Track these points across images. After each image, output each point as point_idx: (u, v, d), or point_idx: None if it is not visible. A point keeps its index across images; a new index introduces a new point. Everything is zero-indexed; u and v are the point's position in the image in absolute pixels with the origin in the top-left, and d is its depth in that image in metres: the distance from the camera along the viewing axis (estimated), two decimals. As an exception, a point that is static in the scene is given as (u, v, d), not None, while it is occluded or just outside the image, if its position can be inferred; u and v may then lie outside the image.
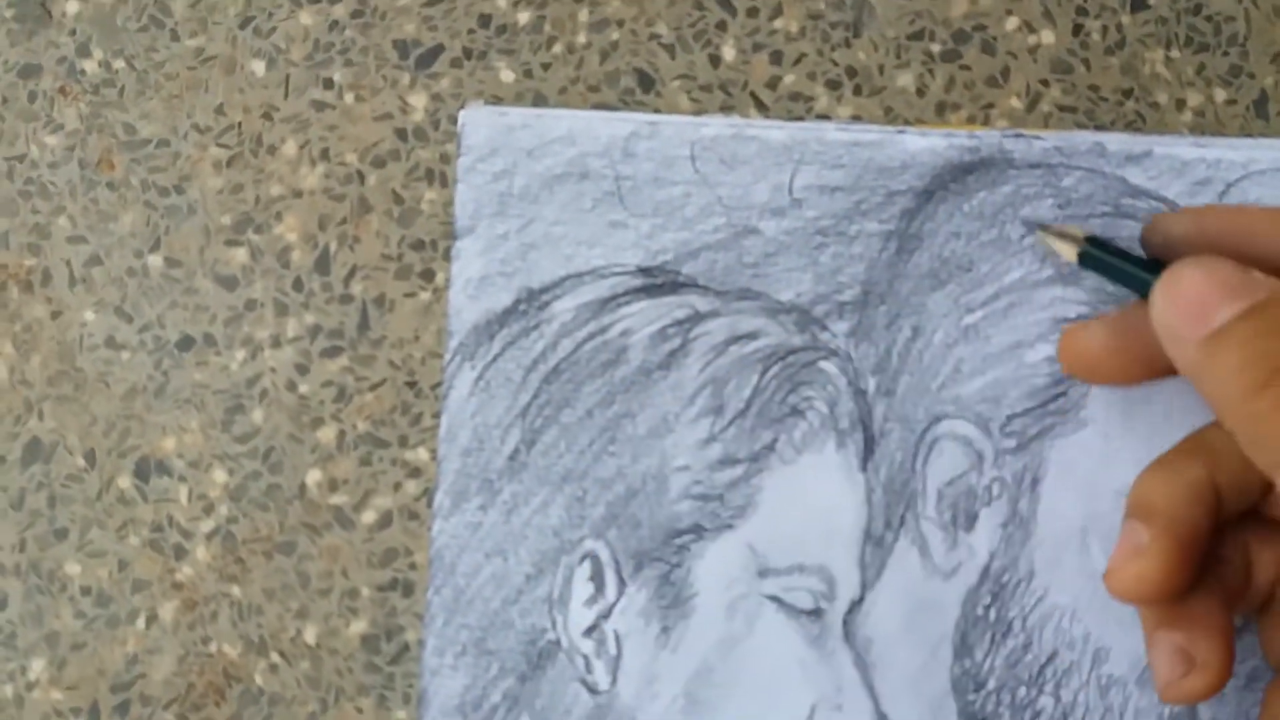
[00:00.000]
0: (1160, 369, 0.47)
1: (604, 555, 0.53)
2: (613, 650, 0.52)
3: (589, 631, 0.52)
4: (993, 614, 0.54)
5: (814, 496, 0.54)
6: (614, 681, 0.52)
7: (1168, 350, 0.45)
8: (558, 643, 0.52)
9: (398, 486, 0.53)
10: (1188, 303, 0.43)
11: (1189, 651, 0.44)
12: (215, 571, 0.52)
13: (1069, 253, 0.47)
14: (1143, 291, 0.48)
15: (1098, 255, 0.51)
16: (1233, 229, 0.46)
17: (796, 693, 0.52)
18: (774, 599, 0.53)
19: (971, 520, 0.55)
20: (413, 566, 0.52)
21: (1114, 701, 0.53)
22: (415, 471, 0.54)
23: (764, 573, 0.53)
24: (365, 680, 0.51)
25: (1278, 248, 0.45)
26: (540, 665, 0.52)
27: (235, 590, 0.52)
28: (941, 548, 0.54)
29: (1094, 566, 0.54)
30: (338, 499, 0.53)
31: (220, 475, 0.53)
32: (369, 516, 0.53)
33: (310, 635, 0.51)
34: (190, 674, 0.51)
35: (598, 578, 0.53)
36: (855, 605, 0.53)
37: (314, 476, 0.53)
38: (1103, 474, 0.55)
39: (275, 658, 0.51)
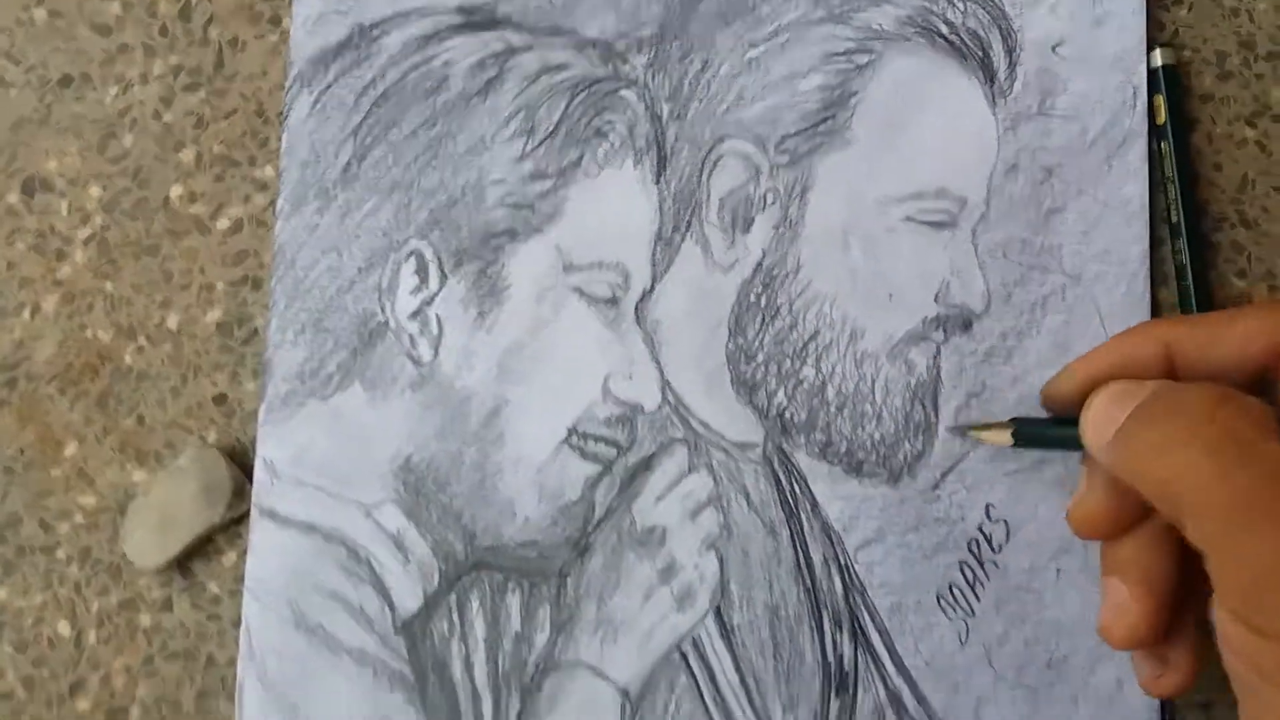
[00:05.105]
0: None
1: (428, 253, 0.58)
2: (435, 330, 0.57)
3: (414, 315, 0.57)
4: (763, 300, 0.59)
5: (613, 205, 0.59)
6: (435, 355, 0.57)
7: (1107, 466, 0.45)
8: (386, 324, 0.57)
9: (247, 198, 0.58)
10: (1097, 423, 0.45)
11: (1165, 655, 0.48)
12: (91, 271, 0.57)
13: (1004, 439, 0.49)
14: (1076, 444, 0.48)
15: (1029, 433, 0.51)
16: (1109, 361, 0.47)
17: (594, 364, 0.57)
18: (577, 290, 0.58)
19: (748, 224, 0.60)
20: (261, 266, 0.58)
21: (867, 372, 0.58)
22: (263, 187, 0.59)
23: (569, 268, 0.58)
24: (220, 359, 0.57)
25: (1152, 359, 0.46)
26: (371, 342, 0.57)
27: (108, 285, 0.57)
28: (721, 246, 0.59)
29: (853, 263, 0.59)
30: (196, 209, 0.58)
31: (96, 191, 0.58)
32: (223, 224, 0.58)
33: (172, 323, 0.57)
34: (69, 355, 0.56)
35: (422, 271, 0.57)
36: (646, 294, 0.59)
37: (176, 191, 0.58)
38: (864, 185, 0.60)
39: (142, 341, 0.57)
